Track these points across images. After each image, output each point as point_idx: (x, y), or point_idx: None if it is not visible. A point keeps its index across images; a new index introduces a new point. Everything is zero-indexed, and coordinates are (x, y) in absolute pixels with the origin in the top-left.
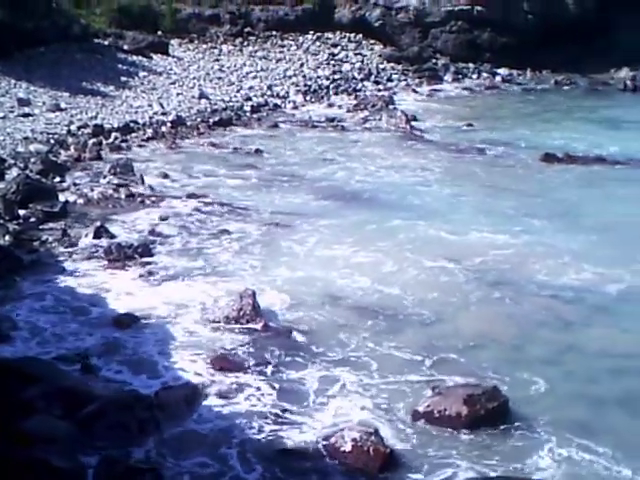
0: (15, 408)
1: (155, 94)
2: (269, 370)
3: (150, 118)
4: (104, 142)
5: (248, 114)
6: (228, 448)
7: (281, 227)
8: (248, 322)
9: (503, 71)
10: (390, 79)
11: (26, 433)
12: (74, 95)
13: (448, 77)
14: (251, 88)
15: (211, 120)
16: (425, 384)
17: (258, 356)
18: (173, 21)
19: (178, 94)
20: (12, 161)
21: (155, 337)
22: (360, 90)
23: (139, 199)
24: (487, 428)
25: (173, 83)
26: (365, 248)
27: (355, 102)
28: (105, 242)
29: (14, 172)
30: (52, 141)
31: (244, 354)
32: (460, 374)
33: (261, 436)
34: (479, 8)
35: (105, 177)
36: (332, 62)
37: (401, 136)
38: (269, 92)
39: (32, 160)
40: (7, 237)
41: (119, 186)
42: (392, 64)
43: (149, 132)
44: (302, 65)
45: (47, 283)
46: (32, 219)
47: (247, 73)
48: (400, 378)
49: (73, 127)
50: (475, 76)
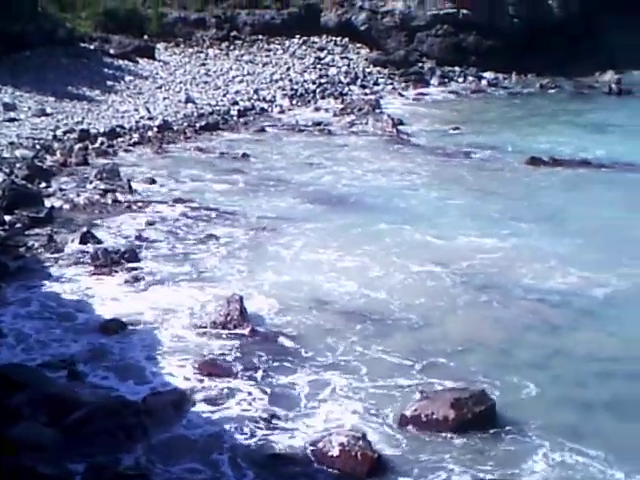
0: (1, 415)
1: (141, 98)
2: (258, 375)
3: (136, 123)
4: (90, 147)
5: (235, 118)
6: (219, 454)
7: (268, 231)
8: (235, 327)
9: (489, 75)
10: (376, 83)
11: (12, 440)
12: (60, 100)
13: (434, 81)
14: (237, 92)
15: (198, 124)
16: (414, 388)
17: (246, 361)
18: (159, 25)
19: (164, 98)
20: None
21: (142, 343)
22: (346, 94)
23: (125, 204)
24: (475, 432)
25: (159, 87)
26: (352, 252)
27: (341, 106)
28: (91, 248)
29: None
30: (38, 146)
31: (232, 359)
32: (449, 378)
33: (252, 441)
34: (464, 12)
35: (91, 182)
36: (318, 66)
37: (388, 140)
38: (256, 96)
39: (18, 165)
40: None
41: (105, 191)
42: (378, 68)
43: (135, 137)
44: (288, 69)
45: (33, 289)
46: (18, 225)
47: (233, 77)
48: (389, 382)
49: (59, 132)
50: (461, 80)
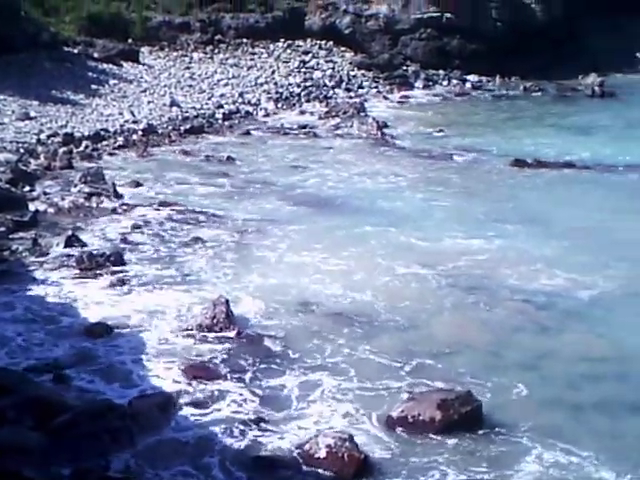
0: None
1: (126, 102)
2: (245, 377)
3: (121, 126)
4: (74, 151)
5: (220, 122)
6: (210, 457)
7: (254, 234)
8: (222, 330)
9: (473, 78)
10: (361, 86)
11: None
12: (44, 103)
13: (419, 84)
14: (222, 96)
15: (182, 128)
16: (401, 390)
17: (233, 363)
18: (143, 29)
19: (149, 102)
20: None
21: (128, 346)
22: (331, 97)
23: (111, 207)
24: (461, 433)
25: (144, 91)
26: (338, 254)
27: (326, 109)
28: (76, 251)
29: None
30: (22, 150)
31: (219, 362)
32: (437, 380)
33: (241, 444)
34: (448, 15)
35: (76, 186)
36: (303, 69)
37: (373, 143)
38: (240, 99)
39: (1, 169)
40: None
41: (90, 195)
42: (363, 71)
43: (120, 140)
44: (273, 72)
45: (17, 293)
46: (2, 229)
47: (218, 81)
48: (376, 384)
49: (43, 136)
50: (445, 83)
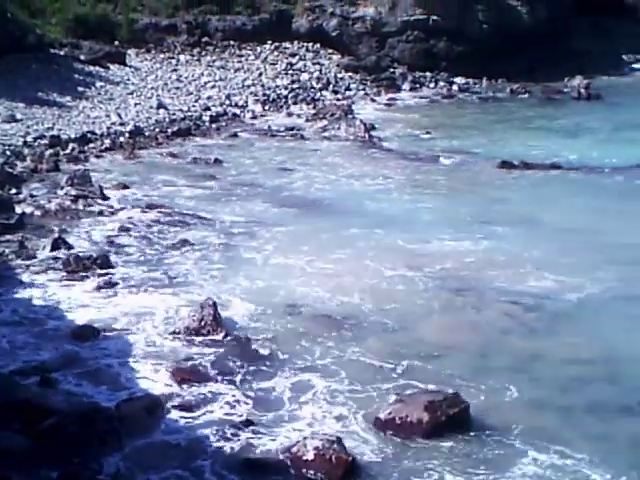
0: None
1: (112, 104)
2: (233, 380)
3: (108, 128)
4: (61, 153)
5: (207, 124)
6: (201, 460)
7: (241, 236)
8: (209, 332)
9: (460, 80)
10: (348, 88)
11: None
12: (30, 106)
13: (406, 86)
14: (209, 98)
15: (170, 130)
16: (390, 391)
17: (222, 366)
18: (130, 31)
19: (136, 104)
20: None
21: (115, 349)
22: (319, 99)
23: (97, 210)
24: (450, 435)
25: (131, 93)
26: (325, 256)
27: (314, 111)
28: (63, 254)
29: None
30: (8, 152)
31: (207, 364)
32: (427, 382)
33: (231, 446)
34: (435, 17)
35: (62, 188)
36: (290, 71)
37: (360, 145)
38: (228, 102)
39: None
40: None
41: (77, 197)
42: (350, 73)
43: (107, 142)
44: (260, 75)
45: (4, 296)
46: None
47: (205, 83)
48: (364, 386)
49: (29, 138)
50: (432, 85)
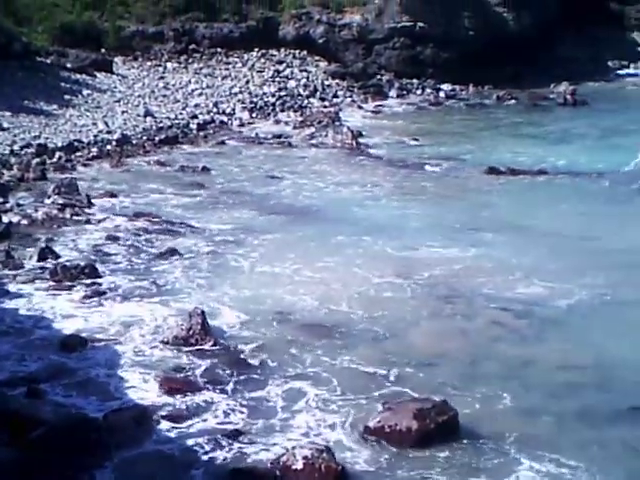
0: None
1: (99, 112)
2: (224, 389)
3: (95, 137)
4: (48, 162)
5: (194, 132)
6: (194, 469)
7: (229, 244)
8: (198, 341)
9: (446, 86)
10: (335, 95)
11: None
12: (16, 114)
13: (393, 93)
14: (197, 105)
15: (157, 138)
16: (380, 400)
17: (211, 375)
18: (117, 39)
19: (123, 112)
20: None
21: (103, 359)
22: (306, 107)
23: (85, 219)
24: (440, 443)
25: (118, 101)
26: (314, 264)
27: (301, 119)
28: (50, 263)
29: None
30: None
31: (196, 374)
32: (418, 390)
33: (225, 456)
34: (421, 24)
35: (49, 197)
36: (277, 79)
37: (348, 152)
38: (215, 109)
39: None
40: None
41: (64, 206)
42: (337, 80)
43: (94, 151)
44: (248, 82)
45: None
46: None
47: (192, 90)
48: (355, 395)
49: (16, 147)
50: (419, 92)
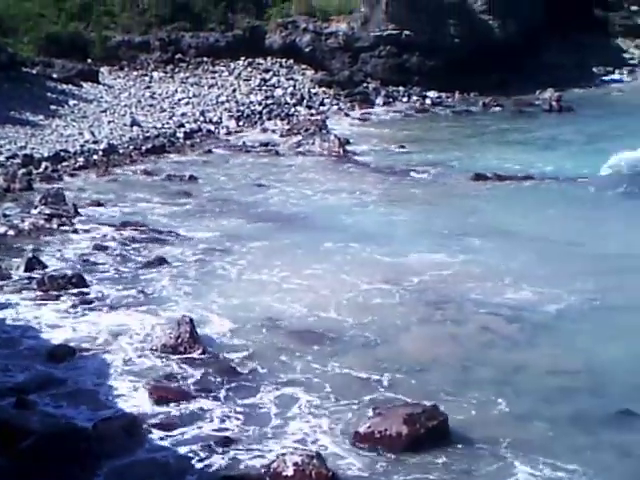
0: None
1: (86, 122)
2: (214, 396)
3: (81, 147)
4: (34, 172)
5: (181, 140)
6: (188, 476)
7: (217, 253)
8: (187, 349)
9: (432, 94)
10: (322, 103)
11: None
12: (2, 125)
13: (379, 101)
14: (183, 114)
15: (144, 147)
16: (371, 406)
17: (200, 383)
18: (103, 49)
19: (109, 122)
20: None
21: (92, 368)
22: (293, 115)
23: (72, 228)
24: (429, 448)
25: (104, 111)
26: (302, 271)
27: (288, 127)
28: (38, 273)
29: None
30: None
31: (186, 382)
32: (410, 396)
33: (211, 464)
34: (407, 32)
35: (36, 207)
36: (264, 87)
37: (335, 160)
38: (202, 118)
39: None
40: None
41: (51, 216)
42: (324, 88)
43: (80, 161)
44: (234, 91)
45: None
46: None
47: (179, 99)
48: (345, 401)
49: (1, 157)
50: (405, 99)
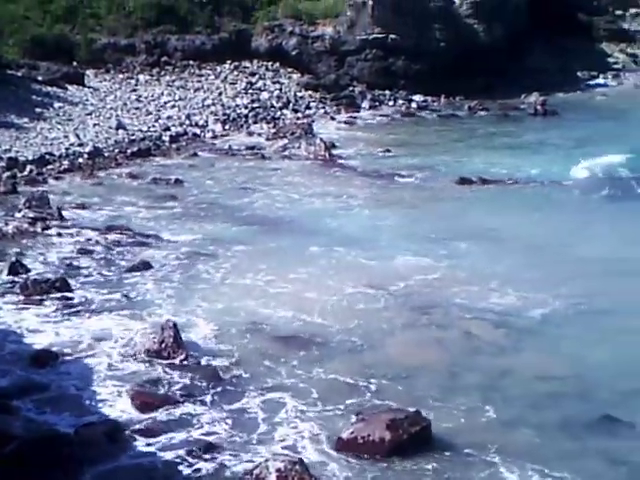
0: None
1: (71, 125)
2: (196, 401)
3: (66, 150)
4: (19, 175)
5: (167, 144)
6: None
7: (202, 256)
8: (170, 354)
9: (418, 97)
10: (308, 107)
11: None
12: None
13: (365, 104)
14: (169, 118)
15: (129, 150)
16: (354, 411)
17: (183, 388)
18: (88, 51)
19: (95, 125)
20: None
21: (75, 373)
22: (279, 118)
23: (56, 232)
24: (411, 453)
25: (89, 114)
26: (287, 275)
27: (274, 130)
28: (21, 277)
29: None
30: None
31: (168, 387)
32: (398, 402)
33: (196, 469)
34: (393, 36)
35: (20, 211)
36: (250, 91)
37: (321, 164)
38: (188, 121)
39: None
40: None
41: (35, 220)
42: (310, 92)
43: (65, 164)
44: (220, 94)
45: None
46: None
47: (165, 103)
48: (330, 406)
49: None
50: (391, 103)
